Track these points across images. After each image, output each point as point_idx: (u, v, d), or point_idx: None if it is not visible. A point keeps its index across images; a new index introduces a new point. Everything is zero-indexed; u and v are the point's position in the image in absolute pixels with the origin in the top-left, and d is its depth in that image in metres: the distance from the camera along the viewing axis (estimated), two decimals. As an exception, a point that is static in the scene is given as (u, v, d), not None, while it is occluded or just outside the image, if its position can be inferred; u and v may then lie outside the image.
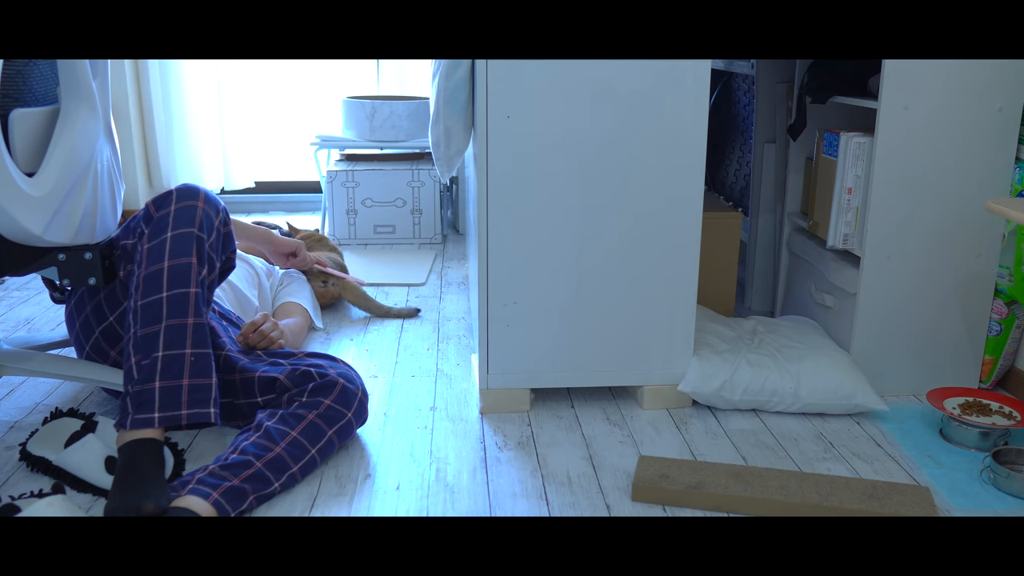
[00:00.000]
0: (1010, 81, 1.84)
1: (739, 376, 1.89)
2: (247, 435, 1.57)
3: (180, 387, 1.49)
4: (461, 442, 1.79)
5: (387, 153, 3.60)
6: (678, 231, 1.84)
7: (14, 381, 2.05)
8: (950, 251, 1.94)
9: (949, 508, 1.55)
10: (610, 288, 1.86)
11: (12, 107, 1.52)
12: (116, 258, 1.69)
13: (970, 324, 1.99)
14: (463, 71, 1.84)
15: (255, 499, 1.49)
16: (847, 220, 2.00)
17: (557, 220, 1.81)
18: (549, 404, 1.96)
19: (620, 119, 1.76)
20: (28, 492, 1.47)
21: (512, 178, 1.78)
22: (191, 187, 1.63)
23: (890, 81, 1.82)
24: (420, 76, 3.78)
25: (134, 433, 1.46)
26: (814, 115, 2.25)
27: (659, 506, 1.55)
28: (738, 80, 2.70)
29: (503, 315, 1.86)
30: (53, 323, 2.47)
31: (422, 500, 1.56)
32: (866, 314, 1.96)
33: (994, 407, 1.83)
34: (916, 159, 1.88)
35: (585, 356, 1.90)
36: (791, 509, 1.51)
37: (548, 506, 1.54)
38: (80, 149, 1.58)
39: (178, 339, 1.51)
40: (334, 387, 1.66)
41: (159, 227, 1.58)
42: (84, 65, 1.57)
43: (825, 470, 1.68)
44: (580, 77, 1.73)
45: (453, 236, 3.59)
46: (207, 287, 1.62)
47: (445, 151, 1.95)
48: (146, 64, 3.54)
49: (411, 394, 2.02)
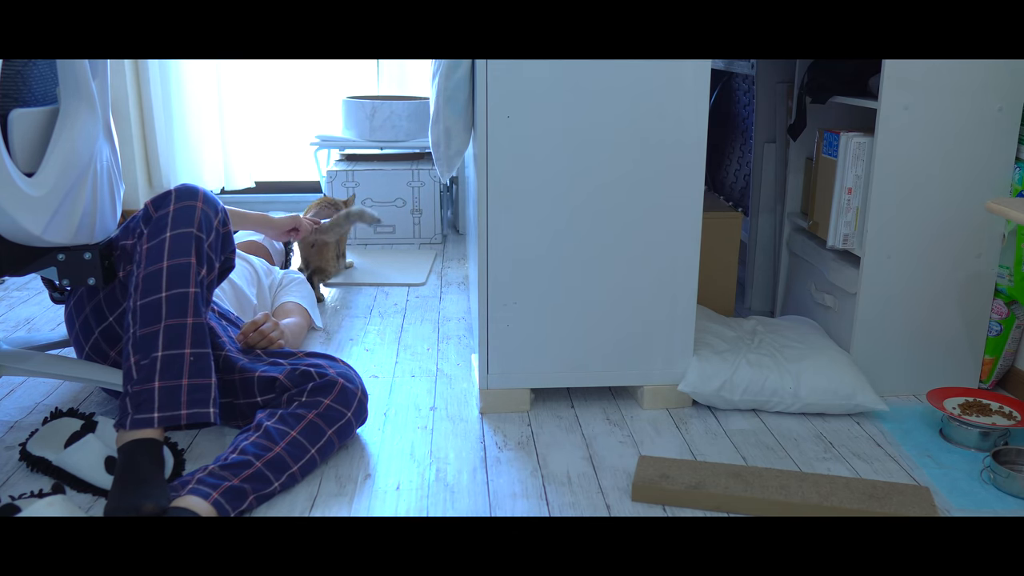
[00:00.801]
0: (1010, 81, 1.84)
1: (739, 376, 1.89)
2: (247, 435, 1.57)
3: (179, 387, 1.49)
4: (461, 442, 1.78)
5: (387, 153, 3.60)
6: (678, 231, 1.84)
7: (14, 381, 2.05)
8: (950, 251, 1.94)
9: (949, 508, 1.55)
10: (610, 288, 1.86)
11: (11, 107, 1.52)
12: (115, 258, 1.69)
13: (970, 324, 1.98)
14: (463, 71, 1.84)
15: (255, 499, 1.49)
16: (847, 220, 2.00)
17: (557, 220, 1.81)
18: (549, 404, 1.96)
19: (620, 119, 1.76)
20: (28, 492, 1.47)
21: (512, 178, 1.77)
22: (190, 187, 1.63)
23: (890, 81, 1.82)
24: (420, 76, 3.78)
25: (133, 433, 1.46)
26: (814, 115, 2.25)
27: (659, 506, 1.55)
28: (738, 80, 2.70)
29: (503, 315, 1.85)
30: (53, 323, 2.47)
31: (422, 500, 1.56)
32: (866, 314, 1.96)
33: (994, 407, 1.83)
34: (916, 159, 1.88)
35: (585, 356, 1.90)
36: (791, 509, 1.51)
37: (548, 506, 1.54)
38: (79, 149, 1.58)
39: (177, 339, 1.51)
40: (334, 387, 1.66)
41: (158, 227, 1.58)
42: (83, 65, 1.57)
43: (825, 470, 1.68)
44: (580, 77, 1.73)
45: (453, 236, 3.59)
46: (206, 287, 1.62)
47: (445, 151, 1.95)
48: (146, 64, 3.54)
49: (411, 394, 2.02)
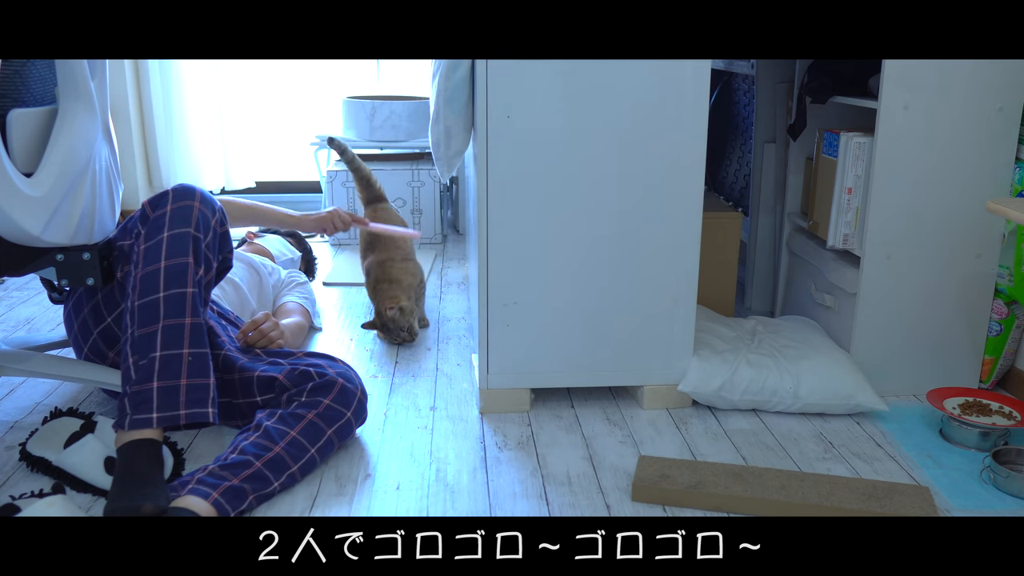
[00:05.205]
0: (1010, 81, 1.84)
1: (739, 376, 1.89)
2: (246, 435, 1.57)
3: (178, 387, 1.49)
4: (461, 442, 1.78)
5: (387, 153, 3.60)
6: (678, 231, 1.84)
7: (14, 381, 2.04)
8: (950, 251, 1.94)
9: (949, 508, 1.55)
10: (610, 288, 1.86)
11: (10, 107, 1.52)
12: (114, 259, 1.69)
13: (970, 324, 1.98)
14: (463, 71, 1.84)
15: (255, 499, 1.49)
16: (847, 220, 1.99)
17: (557, 220, 1.81)
18: (549, 404, 1.96)
19: (620, 119, 1.76)
20: (28, 492, 1.47)
21: (512, 178, 1.77)
22: (187, 187, 1.63)
23: (890, 81, 1.82)
24: (420, 76, 3.78)
25: (132, 434, 1.46)
26: (814, 115, 2.25)
27: (659, 506, 1.55)
28: (738, 80, 2.70)
29: (503, 315, 1.85)
30: (52, 323, 2.47)
31: (422, 500, 1.56)
32: (866, 314, 1.96)
33: (994, 407, 1.83)
34: (916, 159, 1.88)
35: (585, 356, 1.90)
36: (791, 509, 1.51)
37: (548, 506, 1.54)
38: (78, 149, 1.58)
39: (175, 339, 1.51)
40: (333, 386, 1.66)
41: (155, 227, 1.58)
42: (82, 65, 1.57)
43: (825, 470, 1.68)
44: (580, 77, 1.73)
45: (453, 236, 3.59)
46: (204, 287, 1.62)
47: (445, 151, 1.95)
48: (146, 64, 3.54)
49: (411, 394, 2.02)
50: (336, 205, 3.33)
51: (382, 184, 2.63)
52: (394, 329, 2.25)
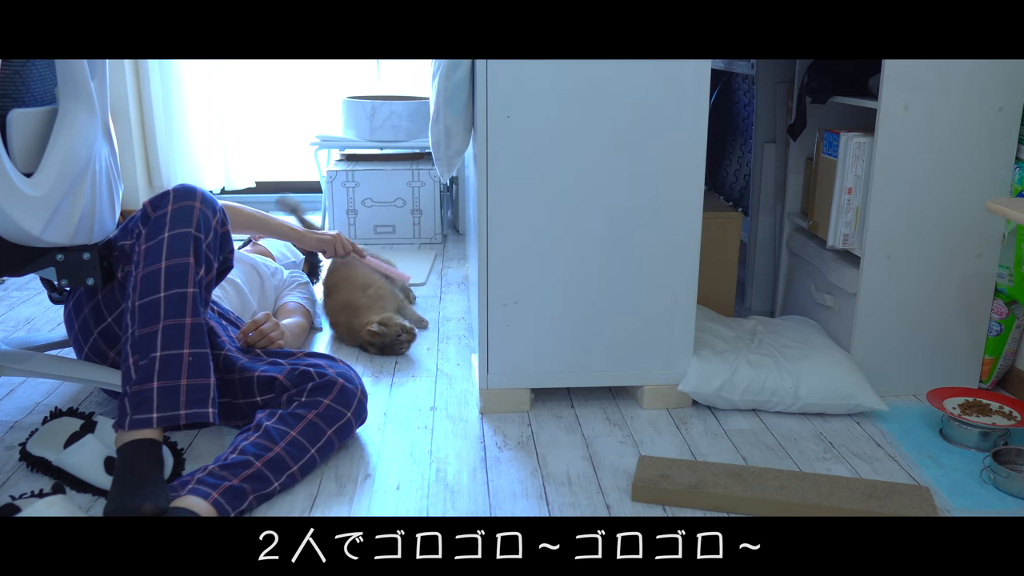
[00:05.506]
0: (1010, 81, 1.84)
1: (739, 376, 1.89)
2: (246, 435, 1.57)
3: (178, 387, 1.49)
4: (461, 442, 1.78)
5: (387, 153, 3.60)
6: (678, 231, 1.84)
7: (14, 381, 2.04)
8: (950, 251, 1.94)
9: (949, 508, 1.55)
10: (610, 288, 1.86)
11: (10, 107, 1.52)
12: (114, 259, 1.69)
13: (970, 324, 1.98)
14: (463, 71, 1.84)
15: (255, 499, 1.49)
16: (847, 220, 1.99)
17: (557, 220, 1.81)
18: (549, 404, 1.96)
19: (620, 119, 1.76)
20: (28, 492, 1.47)
21: (512, 178, 1.77)
22: (188, 187, 1.63)
23: (890, 81, 1.82)
24: (420, 76, 3.78)
25: (132, 434, 1.46)
26: (814, 115, 2.25)
27: (659, 506, 1.55)
28: (738, 80, 2.70)
29: (503, 315, 1.85)
30: (52, 323, 2.47)
31: (422, 500, 1.56)
32: (866, 314, 1.96)
33: (994, 407, 1.83)
34: (916, 159, 1.88)
35: (585, 356, 1.90)
36: (791, 509, 1.51)
37: (548, 506, 1.54)
38: (78, 149, 1.58)
39: (176, 339, 1.51)
40: (333, 387, 1.66)
41: (156, 227, 1.58)
42: (82, 65, 1.57)
43: (825, 470, 1.68)
44: (580, 77, 1.73)
45: (453, 236, 3.59)
46: (205, 287, 1.62)
47: (445, 151, 1.95)
48: (146, 64, 3.54)
49: (411, 394, 2.02)
50: (336, 205, 3.34)
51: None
52: (389, 342, 2.21)
